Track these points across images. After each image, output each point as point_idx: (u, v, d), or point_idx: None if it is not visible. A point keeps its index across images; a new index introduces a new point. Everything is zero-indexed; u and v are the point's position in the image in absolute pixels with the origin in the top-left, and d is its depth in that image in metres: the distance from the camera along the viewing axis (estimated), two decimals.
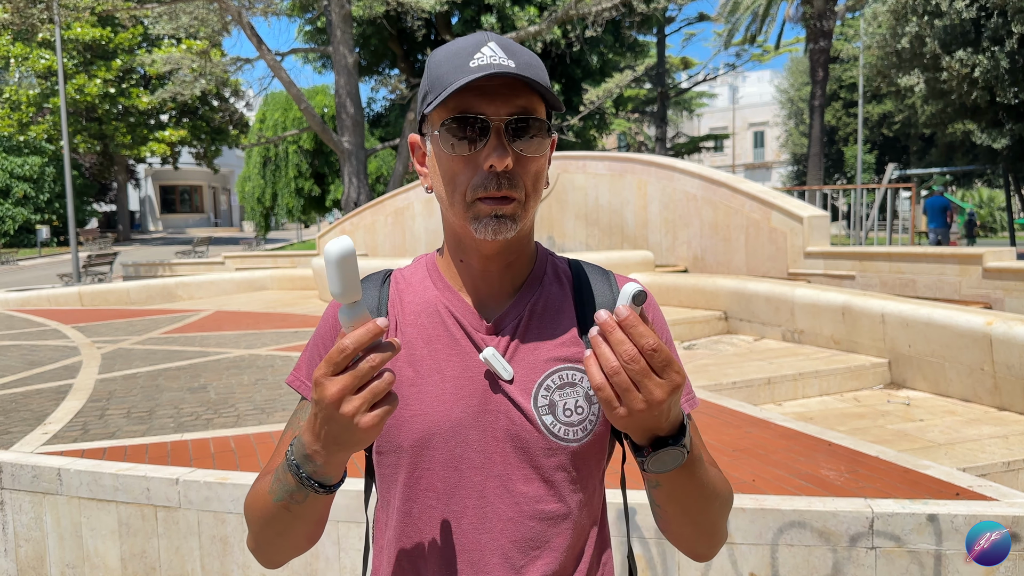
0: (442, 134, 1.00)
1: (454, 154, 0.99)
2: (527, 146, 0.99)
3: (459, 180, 1.00)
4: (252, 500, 1.05)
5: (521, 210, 1.01)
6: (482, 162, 0.98)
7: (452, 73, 0.97)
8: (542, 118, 1.01)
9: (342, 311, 0.81)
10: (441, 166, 1.02)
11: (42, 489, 3.43)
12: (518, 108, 0.99)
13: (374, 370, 0.83)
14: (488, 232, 0.99)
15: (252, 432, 4.15)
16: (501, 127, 0.98)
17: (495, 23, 22.67)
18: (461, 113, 0.98)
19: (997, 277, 7.86)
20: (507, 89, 0.98)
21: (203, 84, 20.43)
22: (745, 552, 2.69)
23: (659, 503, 1.02)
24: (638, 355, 0.83)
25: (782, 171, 48.19)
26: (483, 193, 0.98)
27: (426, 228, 14.08)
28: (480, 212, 0.99)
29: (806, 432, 3.82)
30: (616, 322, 0.83)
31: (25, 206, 34.39)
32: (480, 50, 0.98)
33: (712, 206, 10.23)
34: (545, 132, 1.01)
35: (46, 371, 6.15)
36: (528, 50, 1.04)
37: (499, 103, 0.98)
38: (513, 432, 1.03)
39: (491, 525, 1.04)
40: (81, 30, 31.67)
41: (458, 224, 1.03)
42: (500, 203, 0.99)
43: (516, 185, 0.99)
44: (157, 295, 12.93)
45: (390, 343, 0.84)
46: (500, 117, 0.98)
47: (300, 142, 29.86)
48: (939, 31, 16.97)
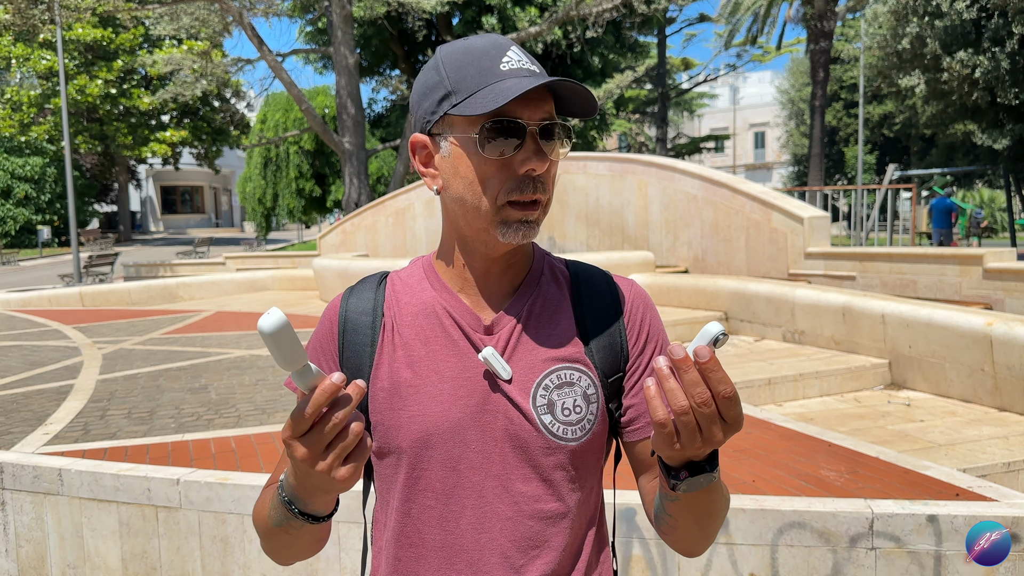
0: (478, 138, 0.99)
1: (491, 157, 0.99)
2: (552, 149, 1.01)
3: (491, 183, 1.00)
4: (256, 516, 1.07)
5: (543, 213, 1.03)
6: (517, 166, 0.99)
7: (480, 77, 0.98)
8: (566, 123, 1.03)
9: (293, 377, 0.80)
10: (470, 169, 1.01)
11: (43, 489, 3.43)
12: (547, 113, 1.01)
13: (337, 427, 0.83)
14: (517, 236, 1.01)
15: (253, 432, 4.15)
16: (536, 132, 0.99)
17: (496, 24, 22.67)
18: (499, 117, 0.98)
19: (997, 278, 7.86)
20: (537, 95, 1.00)
21: (204, 85, 20.45)
22: (745, 552, 2.69)
23: (672, 513, 1.01)
24: (711, 400, 0.81)
25: (783, 172, 48.20)
26: (517, 196, 0.99)
27: (427, 228, 14.09)
28: (509, 217, 1.00)
29: (806, 433, 3.83)
30: (694, 362, 0.81)
31: (26, 206, 34.41)
32: (506, 54, 1.00)
33: (713, 207, 10.23)
34: (566, 137, 1.03)
35: (47, 371, 6.15)
36: None
37: (532, 108, 0.99)
38: (512, 432, 1.04)
39: (490, 525, 1.04)
40: (82, 31, 31.70)
41: (477, 226, 1.03)
42: (529, 208, 1.01)
43: (543, 189, 1.01)
44: (158, 296, 12.94)
45: (348, 396, 0.83)
46: (534, 122, 0.99)
47: (301, 143, 29.88)
48: (940, 32, 16.97)
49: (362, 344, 1.09)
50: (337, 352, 1.11)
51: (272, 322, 0.75)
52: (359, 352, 1.09)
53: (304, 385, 0.80)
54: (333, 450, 0.84)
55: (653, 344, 1.12)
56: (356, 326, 1.10)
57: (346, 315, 1.11)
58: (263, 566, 3.08)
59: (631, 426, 1.11)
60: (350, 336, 1.10)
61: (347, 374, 1.09)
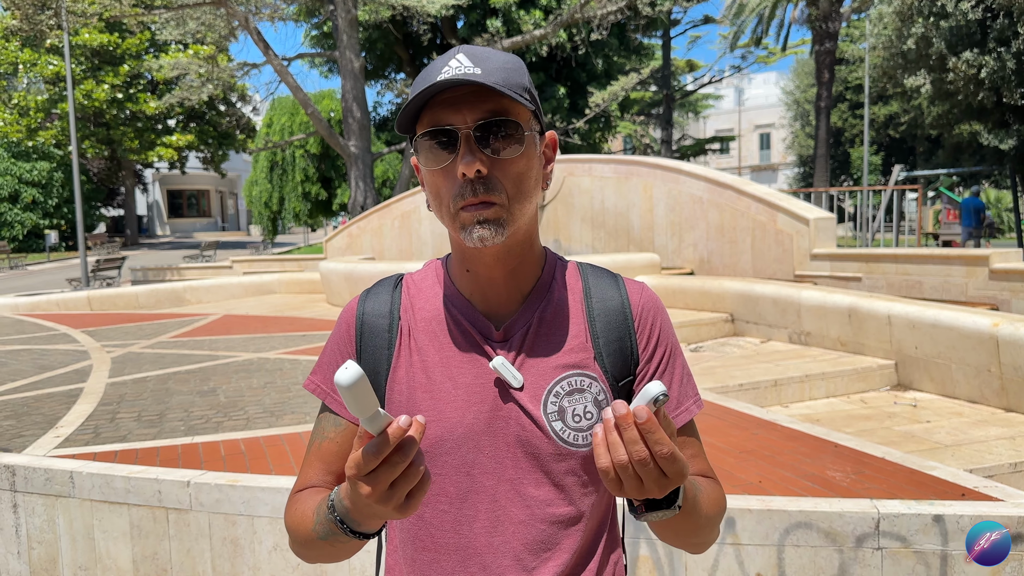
0: (419, 151, 1.01)
1: (432, 167, 1.01)
2: (502, 148, 1.00)
3: (442, 193, 1.02)
4: (295, 525, 1.08)
5: (506, 213, 1.00)
6: (457, 171, 0.99)
7: (419, 91, 0.98)
8: (514, 119, 1.00)
9: (363, 422, 0.83)
10: (426, 181, 1.04)
11: (55, 492, 3.46)
12: (486, 113, 0.99)
13: (403, 467, 0.83)
14: (475, 240, 1.00)
15: (262, 435, 4.18)
16: (469, 134, 0.98)
17: (500, 27, 22.70)
18: (429, 127, 0.99)
19: (1004, 278, 7.85)
20: (473, 96, 0.99)
21: (210, 89, 20.52)
22: (751, 553, 2.71)
23: (653, 530, 1.05)
24: (649, 459, 0.83)
25: (788, 173, 48.11)
26: (462, 202, 0.99)
27: (433, 232, 14.11)
28: (464, 221, 1.00)
29: (812, 433, 3.83)
30: (633, 422, 0.83)
31: (34, 211, 34.55)
32: (448, 63, 0.99)
33: (718, 208, 10.24)
34: (521, 133, 1.01)
35: (57, 375, 6.19)
36: (506, 54, 1.04)
37: (466, 111, 0.98)
38: (524, 438, 1.05)
39: (503, 528, 1.06)
40: (89, 36, 31.86)
41: (454, 236, 1.05)
42: (480, 209, 0.99)
43: (494, 189, 0.99)
44: (165, 299, 12.99)
45: (412, 439, 0.83)
46: (467, 125, 0.98)
47: (307, 146, 29.97)
48: (945, 32, 16.94)
49: (379, 347, 1.10)
50: (355, 355, 1.12)
51: (350, 376, 0.78)
52: (376, 355, 1.10)
53: (374, 429, 0.83)
54: (397, 488, 0.85)
55: (663, 349, 1.12)
56: (373, 329, 1.11)
57: (363, 318, 1.13)
58: (273, 567, 3.11)
59: None
60: (367, 339, 1.11)
61: None
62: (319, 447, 1.13)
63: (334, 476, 1.13)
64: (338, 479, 1.13)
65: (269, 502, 3.09)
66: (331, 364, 1.14)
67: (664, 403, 0.84)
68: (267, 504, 3.09)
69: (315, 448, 1.13)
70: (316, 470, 1.13)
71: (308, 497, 1.09)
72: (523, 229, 1.06)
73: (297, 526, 1.07)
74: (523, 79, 1.03)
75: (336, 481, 1.13)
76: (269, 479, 3.21)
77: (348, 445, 1.11)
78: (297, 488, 1.13)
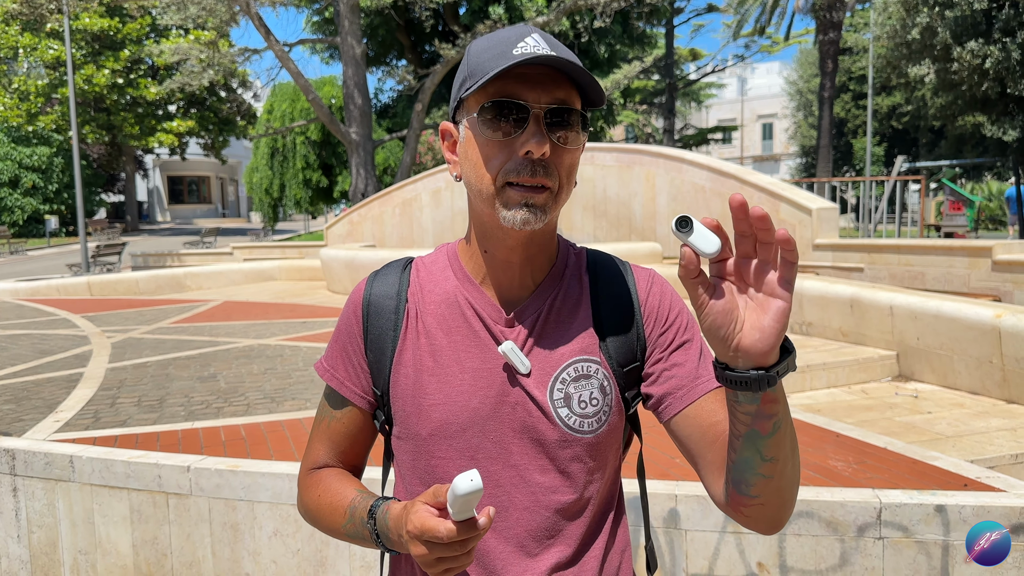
0: (480, 118, 0.99)
1: (491, 138, 0.99)
2: (565, 136, 0.99)
3: (492, 164, 0.99)
4: (318, 510, 1.14)
5: (552, 201, 1.00)
6: (518, 148, 0.97)
7: (494, 60, 0.97)
8: (580, 111, 1.01)
9: (454, 515, 0.86)
10: (475, 150, 1.02)
11: (55, 476, 3.46)
12: (558, 99, 0.98)
13: (459, 553, 0.88)
14: (517, 221, 0.98)
15: (262, 420, 4.17)
16: (540, 115, 0.97)
17: (503, 14, 22.59)
18: (501, 98, 0.97)
19: (1006, 270, 7.83)
20: (548, 79, 0.98)
21: (211, 75, 20.45)
22: (752, 541, 2.70)
23: (771, 454, 0.91)
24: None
25: (791, 163, 48.00)
26: (515, 178, 0.98)
27: (433, 219, 14.09)
28: (510, 199, 0.98)
29: (814, 423, 3.83)
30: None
31: (34, 196, 34.53)
32: (524, 39, 0.99)
33: (721, 198, 10.21)
34: (581, 125, 1.01)
35: (57, 360, 6.19)
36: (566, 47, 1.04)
37: (539, 91, 0.98)
38: (529, 424, 1.05)
39: (507, 514, 1.05)
40: (89, 20, 31.71)
41: (486, 212, 1.03)
42: (533, 192, 0.98)
43: (551, 174, 0.99)
44: (166, 285, 12.99)
45: (480, 534, 0.87)
46: (540, 105, 0.97)
47: (308, 133, 29.89)
48: (950, 22, 16.87)
49: (385, 328, 1.10)
50: (362, 336, 1.12)
51: (470, 487, 0.82)
52: (382, 336, 1.10)
53: (459, 517, 0.86)
54: (445, 564, 0.89)
55: (677, 324, 1.10)
56: (380, 310, 1.11)
57: (370, 299, 1.12)
58: (273, 552, 3.10)
59: (663, 404, 1.07)
60: (374, 320, 1.11)
61: (370, 358, 1.10)
62: (328, 426, 1.17)
63: (341, 455, 1.17)
64: (344, 458, 1.17)
65: (269, 487, 3.09)
66: (341, 355, 1.14)
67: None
68: (267, 490, 3.09)
69: (323, 426, 1.17)
70: (325, 448, 1.17)
71: (331, 482, 1.13)
72: (553, 220, 1.06)
73: (321, 513, 1.12)
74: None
75: (342, 459, 1.17)
76: (270, 464, 3.21)
77: (354, 428, 1.15)
78: (310, 465, 1.18)
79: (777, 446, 0.90)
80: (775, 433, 0.89)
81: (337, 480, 1.13)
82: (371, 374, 1.11)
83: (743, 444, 0.91)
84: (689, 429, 1.04)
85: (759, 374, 0.84)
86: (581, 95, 1.02)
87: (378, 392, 1.11)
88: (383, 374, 1.09)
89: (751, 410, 0.87)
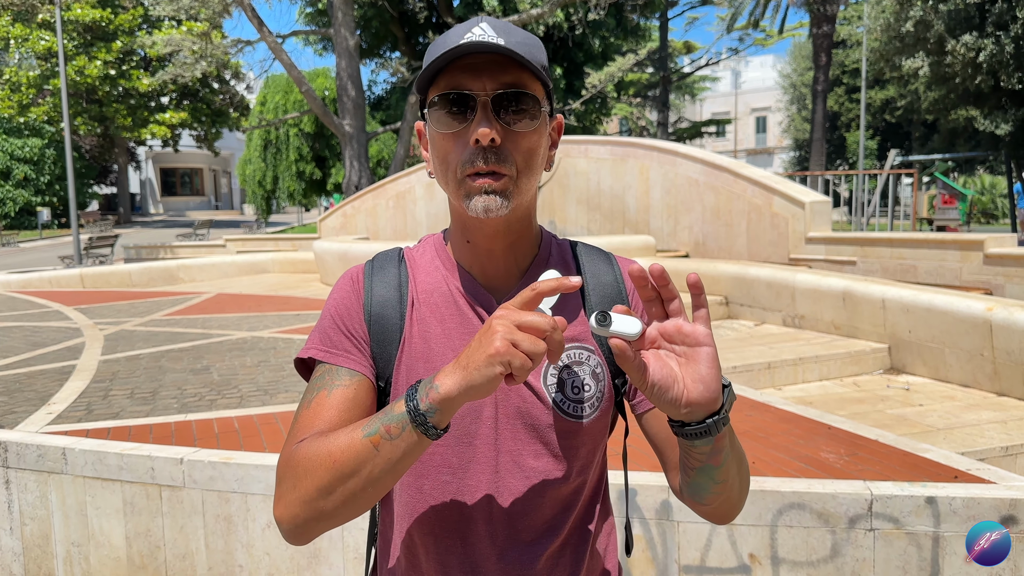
0: (432, 113, 1.00)
1: (445, 131, 1.00)
2: (516, 121, 0.99)
3: (450, 158, 1.00)
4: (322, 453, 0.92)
5: (513, 186, 1.00)
6: (469, 138, 0.98)
7: (441, 52, 0.97)
8: (532, 93, 1.00)
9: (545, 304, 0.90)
10: (434, 145, 1.03)
11: (47, 468, 3.45)
12: (505, 84, 0.98)
13: (550, 337, 0.85)
14: (479, 209, 0.99)
15: (255, 413, 4.17)
16: (487, 102, 0.98)
17: (497, 6, 22.52)
18: (447, 91, 0.98)
19: (998, 263, 7.86)
20: (495, 66, 0.98)
21: (204, 66, 20.32)
22: (744, 533, 2.72)
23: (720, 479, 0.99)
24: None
25: (784, 157, 48.08)
26: (471, 169, 0.98)
27: (427, 212, 14.07)
28: (471, 189, 0.99)
29: (806, 416, 3.84)
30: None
31: (26, 188, 34.34)
32: (471, 30, 0.99)
33: (714, 191, 10.22)
34: (537, 108, 1.01)
35: (49, 352, 6.17)
36: (526, 32, 1.04)
37: (486, 79, 0.98)
38: (524, 409, 1.06)
39: (502, 499, 1.06)
40: (81, 11, 31.48)
41: (456, 204, 1.04)
42: (489, 179, 0.98)
43: (505, 160, 0.99)
44: (159, 277, 12.94)
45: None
46: (486, 92, 0.98)
47: (301, 125, 29.80)
48: (944, 15, 16.89)
49: (391, 318, 1.08)
50: (364, 319, 1.08)
51: (554, 274, 0.88)
52: (388, 327, 1.08)
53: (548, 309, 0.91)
54: (523, 347, 0.83)
55: None
56: (385, 300, 1.09)
57: (373, 287, 1.10)
58: (266, 544, 3.11)
59: (637, 398, 1.13)
60: (378, 308, 1.09)
61: (375, 349, 1.07)
62: (328, 394, 1.02)
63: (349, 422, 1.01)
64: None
65: (263, 479, 3.09)
66: (329, 336, 1.08)
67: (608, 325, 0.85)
68: (261, 481, 3.09)
69: (321, 397, 1.03)
70: (330, 415, 1.01)
71: (333, 432, 0.95)
72: (525, 205, 1.06)
73: (326, 452, 0.92)
74: (542, 57, 1.03)
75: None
76: (263, 457, 3.21)
77: (363, 392, 1.04)
78: (301, 437, 0.99)
79: (727, 470, 0.98)
80: (725, 462, 0.97)
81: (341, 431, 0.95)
82: (375, 366, 1.08)
83: (697, 474, 0.99)
84: (657, 427, 1.11)
85: (714, 420, 0.90)
86: (539, 78, 1.02)
87: (380, 384, 1.08)
88: (388, 367, 1.07)
89: (706, 450, 0.94)
